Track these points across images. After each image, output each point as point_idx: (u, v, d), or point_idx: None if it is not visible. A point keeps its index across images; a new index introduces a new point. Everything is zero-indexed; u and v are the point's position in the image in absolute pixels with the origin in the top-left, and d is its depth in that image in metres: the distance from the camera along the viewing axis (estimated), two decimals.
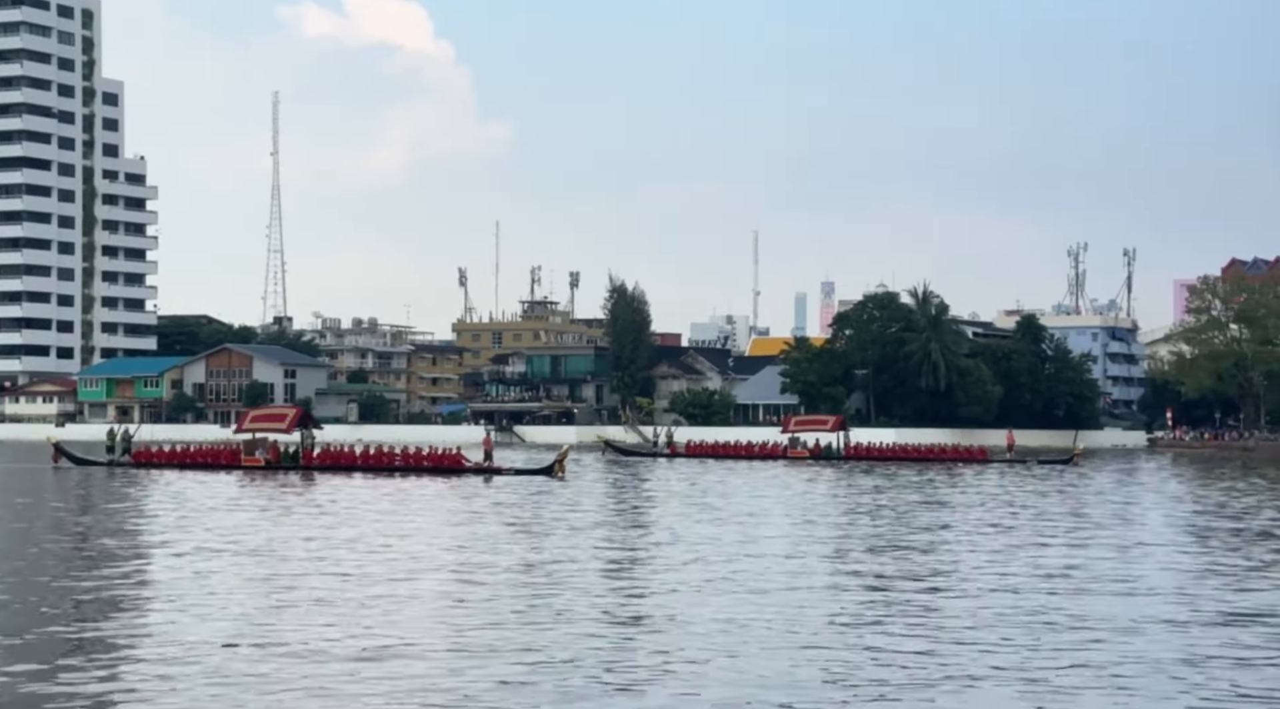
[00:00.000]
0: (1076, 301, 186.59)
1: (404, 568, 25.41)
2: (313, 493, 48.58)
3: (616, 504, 44.31)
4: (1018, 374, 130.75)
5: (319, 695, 14.44)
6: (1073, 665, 16.30)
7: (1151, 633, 18.63)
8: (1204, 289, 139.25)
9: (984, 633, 18.43)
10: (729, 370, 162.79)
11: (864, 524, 36.32)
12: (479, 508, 41.40)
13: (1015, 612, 20.36)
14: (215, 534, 31.78)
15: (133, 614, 19.87)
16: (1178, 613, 20.44)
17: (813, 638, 18.08)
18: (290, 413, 69.47)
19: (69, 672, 15.55)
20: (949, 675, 15.71)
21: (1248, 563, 27.42)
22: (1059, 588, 23.14)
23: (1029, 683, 15.35)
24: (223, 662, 16.16)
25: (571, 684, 15.13)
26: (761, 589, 22.71)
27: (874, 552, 29.06)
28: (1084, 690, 15.09)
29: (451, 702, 14.31)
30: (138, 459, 68.41)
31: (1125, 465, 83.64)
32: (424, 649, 17.11)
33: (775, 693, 14.76)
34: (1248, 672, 16.07)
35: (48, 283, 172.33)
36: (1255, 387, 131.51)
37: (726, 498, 47.96)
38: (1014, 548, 30.11)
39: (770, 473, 68.68)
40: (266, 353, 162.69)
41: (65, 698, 14.30)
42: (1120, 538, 32.94)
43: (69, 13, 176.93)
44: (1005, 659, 16.63)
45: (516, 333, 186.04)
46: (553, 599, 21.30)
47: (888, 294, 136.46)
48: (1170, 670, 16.12)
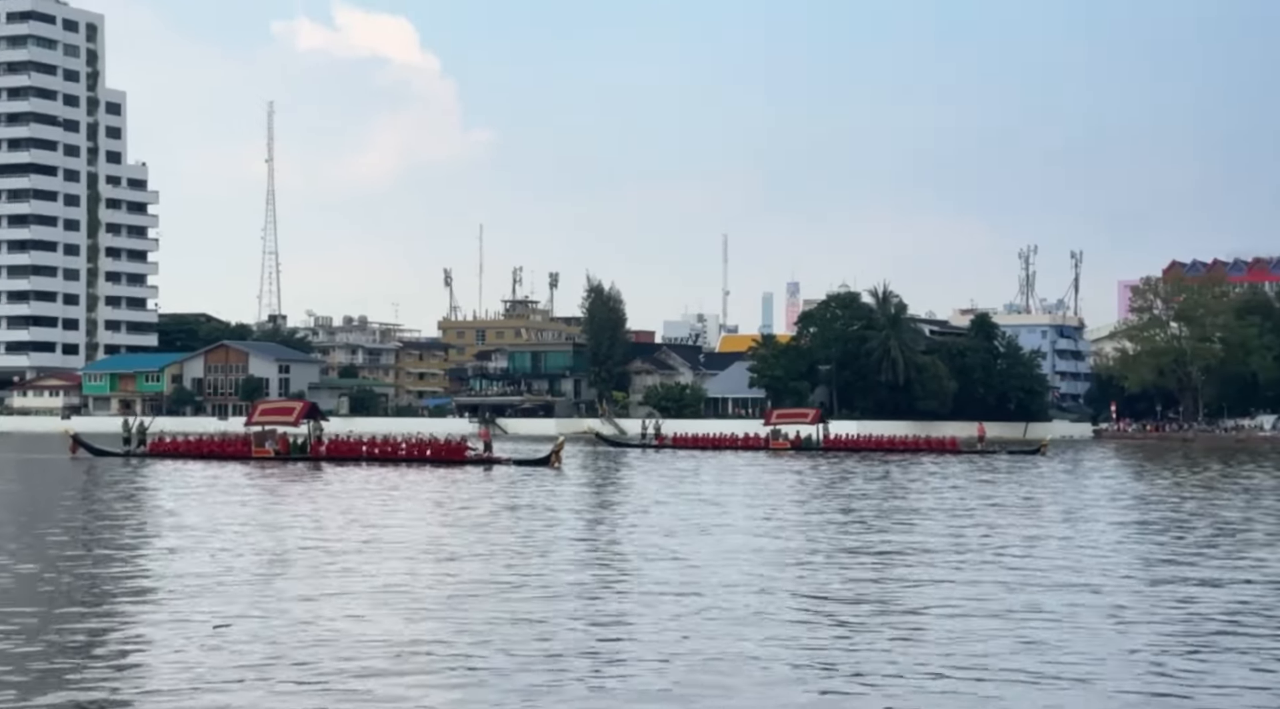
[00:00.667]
0: (1027, 301, 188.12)
1: (395, 549, 26.01)
2: (319, 481, 48.76)
3: (610, 491, 45.40)
4: (972, 370, 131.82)
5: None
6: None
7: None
8: (1146, 290, 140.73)
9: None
10: (700, 366, 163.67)
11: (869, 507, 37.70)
12: (476, 494, 42.26)
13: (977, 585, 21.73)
14: (230, 519, 32.53)
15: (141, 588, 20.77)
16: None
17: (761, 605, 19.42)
18: (298, 406, 68.79)
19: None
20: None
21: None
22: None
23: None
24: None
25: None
26: (720, 564, 23.92)
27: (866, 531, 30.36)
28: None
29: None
30: (154, 450, 68.11)
31: (1086, 456, 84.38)
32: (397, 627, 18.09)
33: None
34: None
35: (54, 283, 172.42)
36: (1193, 381, 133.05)
37: (717, 483, 49.77)
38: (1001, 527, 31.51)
39: (751, 462, 69.29)
40: (262, 349, 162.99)
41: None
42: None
43: (74, 27, 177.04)
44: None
45: (499, 330, 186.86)
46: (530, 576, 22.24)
47: (850, 294, 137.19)
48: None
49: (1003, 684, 14.08)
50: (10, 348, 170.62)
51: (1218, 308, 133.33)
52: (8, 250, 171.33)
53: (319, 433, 65.42)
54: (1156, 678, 14.54)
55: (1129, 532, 30.76)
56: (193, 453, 66.71)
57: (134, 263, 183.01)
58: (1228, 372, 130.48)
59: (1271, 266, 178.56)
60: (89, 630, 16.54)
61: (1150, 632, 17.07)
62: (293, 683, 13.82)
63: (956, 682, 14.12)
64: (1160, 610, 18.75)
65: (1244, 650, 15.90)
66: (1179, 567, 23.75)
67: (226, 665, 14.56)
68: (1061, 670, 14.65)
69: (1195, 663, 15.25)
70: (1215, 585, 21.34)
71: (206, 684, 13.71)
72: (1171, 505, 39.30)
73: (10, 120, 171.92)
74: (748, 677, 14.28)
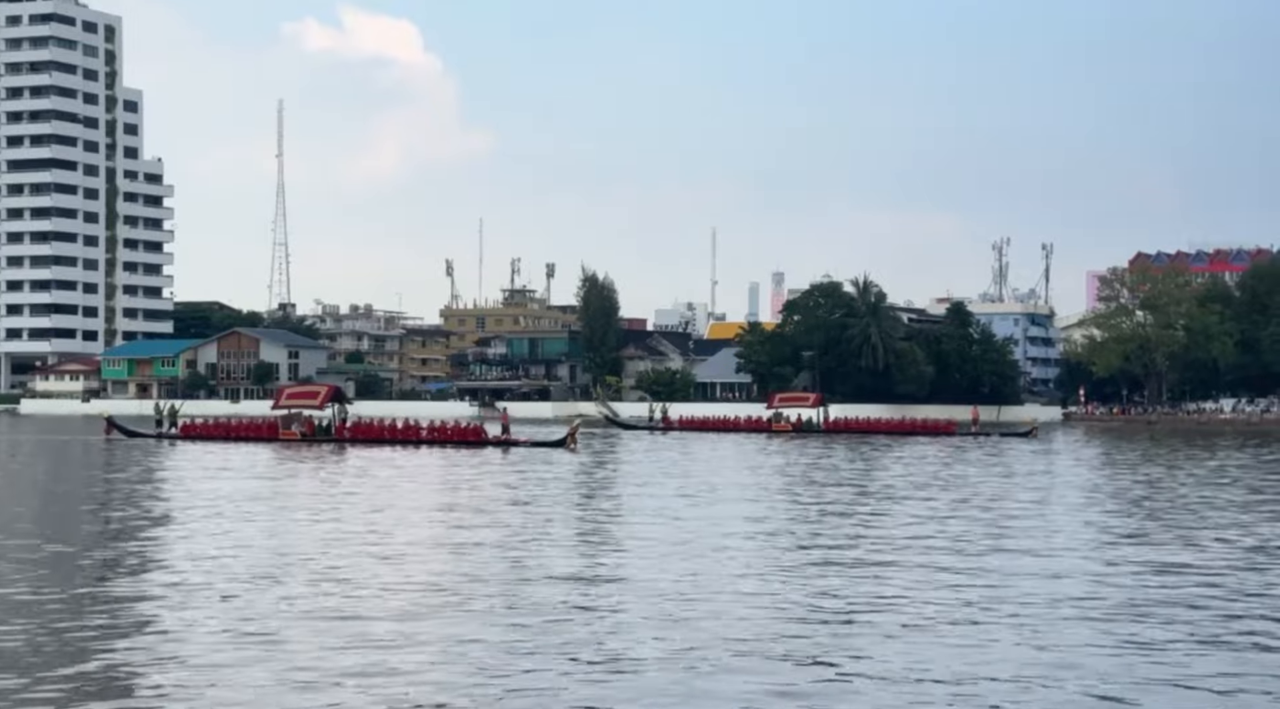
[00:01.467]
0: (1000, 291, 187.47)
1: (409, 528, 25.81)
2: (344, 462, 48.07)
3: (625, 470, 45.10)
4: (948, 355, 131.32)
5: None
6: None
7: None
8: (1113, 279, 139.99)
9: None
10: (689, 352, 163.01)
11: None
12: (493, 474, 41.95)
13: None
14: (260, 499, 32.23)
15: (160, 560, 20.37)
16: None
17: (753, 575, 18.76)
18: (323, 390, 68.03)
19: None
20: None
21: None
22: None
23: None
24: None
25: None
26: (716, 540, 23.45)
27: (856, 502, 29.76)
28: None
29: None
30: (185, 432, 67.74)
31: (1061, 437, 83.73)
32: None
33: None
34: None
35: (74, 272, 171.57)
36: (1158, 366, 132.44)
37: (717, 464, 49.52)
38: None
39: (754, 444, 68.70)
40: (272, 336, 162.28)
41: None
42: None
43: (93, 28, 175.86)
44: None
45: (498, 318, 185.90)
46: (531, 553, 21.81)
47: (832, 284, 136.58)
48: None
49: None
50: (33, 334, 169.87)
51: (1181, 297, 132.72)
52: (30, 241, 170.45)
53: (343, 416, 64.73)
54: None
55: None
56: (222, 435, 66.16)
57: (150, 253, 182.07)
58: (1190, 357, 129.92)
59: (1232, 257, 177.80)
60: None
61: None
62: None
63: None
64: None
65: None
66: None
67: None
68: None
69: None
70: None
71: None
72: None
73: (33, 118, 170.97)
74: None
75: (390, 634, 14.40)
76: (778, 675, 12.76)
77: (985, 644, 14.23)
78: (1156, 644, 14.33)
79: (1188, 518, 28.30)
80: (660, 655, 13.46)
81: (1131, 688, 12.52)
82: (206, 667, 12.90)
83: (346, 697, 11.95)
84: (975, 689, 12.37)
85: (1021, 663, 13.36)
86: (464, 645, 13.91)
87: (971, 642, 14.35)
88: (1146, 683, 12.72)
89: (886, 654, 13.69)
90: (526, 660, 13.27)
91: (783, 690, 12.25)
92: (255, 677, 12.53)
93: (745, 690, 12.18)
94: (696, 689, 12.18)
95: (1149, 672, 13.14)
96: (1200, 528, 26.23)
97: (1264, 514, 29.30)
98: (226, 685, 12.21)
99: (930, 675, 12.80)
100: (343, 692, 12.09)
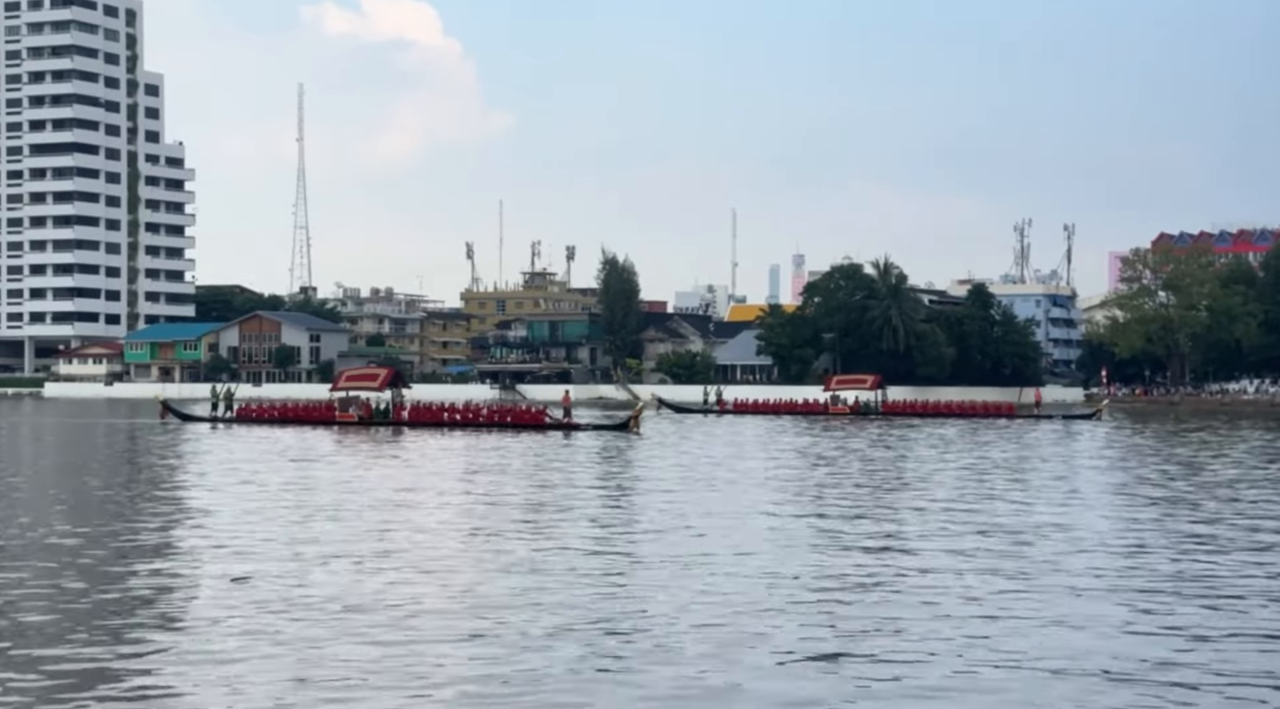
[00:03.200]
0: (1022, 272, 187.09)
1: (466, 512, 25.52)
2: (410, 447, 46.71)
3: (695, 454, 43.80)
4: (969, 337, 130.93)
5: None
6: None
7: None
8: (1135, 260, 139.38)
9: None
10: (710, 334, 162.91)
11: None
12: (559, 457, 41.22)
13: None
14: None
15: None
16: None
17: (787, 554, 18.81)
18: (382, 373, 66.56)
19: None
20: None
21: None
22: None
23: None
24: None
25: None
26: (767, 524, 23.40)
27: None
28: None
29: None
30: (241, 415, 66.71)
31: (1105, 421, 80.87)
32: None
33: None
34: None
35: (97, 256, 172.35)
36: (1180, 347, 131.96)
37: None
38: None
39: (823, 427, 66.22)
40: (294, 319, 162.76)
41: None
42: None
43: (114, 12, 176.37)
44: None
45: (518, 301, 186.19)
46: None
47: (852, 265, 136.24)
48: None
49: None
50: (56, 318, 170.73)
51: (1204, 277, 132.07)
52: (53, 225, 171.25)
53: (400, 399, 63.63)
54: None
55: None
56: (278, 418, 65.37)
57: (172, 237, 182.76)
58: (1213, 338, 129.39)
59: (1255, 238, 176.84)
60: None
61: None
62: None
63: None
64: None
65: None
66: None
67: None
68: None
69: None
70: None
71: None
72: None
73: (55, 102, 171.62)
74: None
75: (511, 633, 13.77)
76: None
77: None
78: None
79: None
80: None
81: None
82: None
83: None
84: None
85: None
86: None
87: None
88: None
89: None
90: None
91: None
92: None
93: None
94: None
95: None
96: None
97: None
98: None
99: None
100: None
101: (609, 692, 11.55)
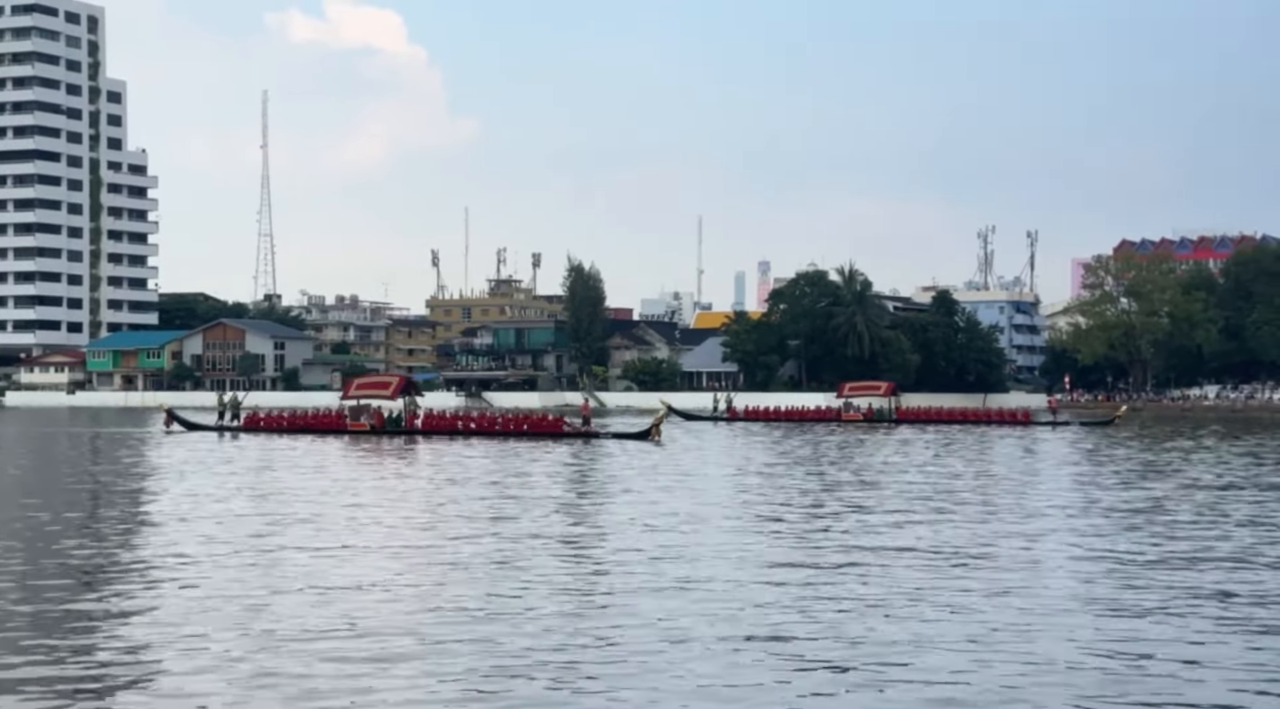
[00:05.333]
0: (985, 278, 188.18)
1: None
2: (429, 457, 44.95)
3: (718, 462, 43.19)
4: (933, 344, 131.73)
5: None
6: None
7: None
8: (1098, 267, 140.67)
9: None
10: (676, 341, 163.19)
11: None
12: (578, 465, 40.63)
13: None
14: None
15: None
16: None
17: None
18: (394, 380, 65.36)
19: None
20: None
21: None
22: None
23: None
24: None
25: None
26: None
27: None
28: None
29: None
30: (248, 424, 65.55)
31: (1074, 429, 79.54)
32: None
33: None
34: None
35: (58, 264, 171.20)
36: (1142, 353, 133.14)
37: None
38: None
39: (828, 434, 65.63)
40: (258, 327, 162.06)
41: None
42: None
43: (76, 19, 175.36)
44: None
45: (484, 308, 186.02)
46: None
47: (818, 272, 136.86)
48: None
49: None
50: (17, 326, 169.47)
51: (1165, 284, 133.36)
52: (14, 233, 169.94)
53: (414, 407, 62.54)
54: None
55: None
56: (286, 427, 63.94)
57: (135, 245, 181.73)
58: (1174, 344, 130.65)
59: (1215, 245, 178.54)
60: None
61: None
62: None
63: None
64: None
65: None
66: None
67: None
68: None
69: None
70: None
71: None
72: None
73: (16, 109, 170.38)
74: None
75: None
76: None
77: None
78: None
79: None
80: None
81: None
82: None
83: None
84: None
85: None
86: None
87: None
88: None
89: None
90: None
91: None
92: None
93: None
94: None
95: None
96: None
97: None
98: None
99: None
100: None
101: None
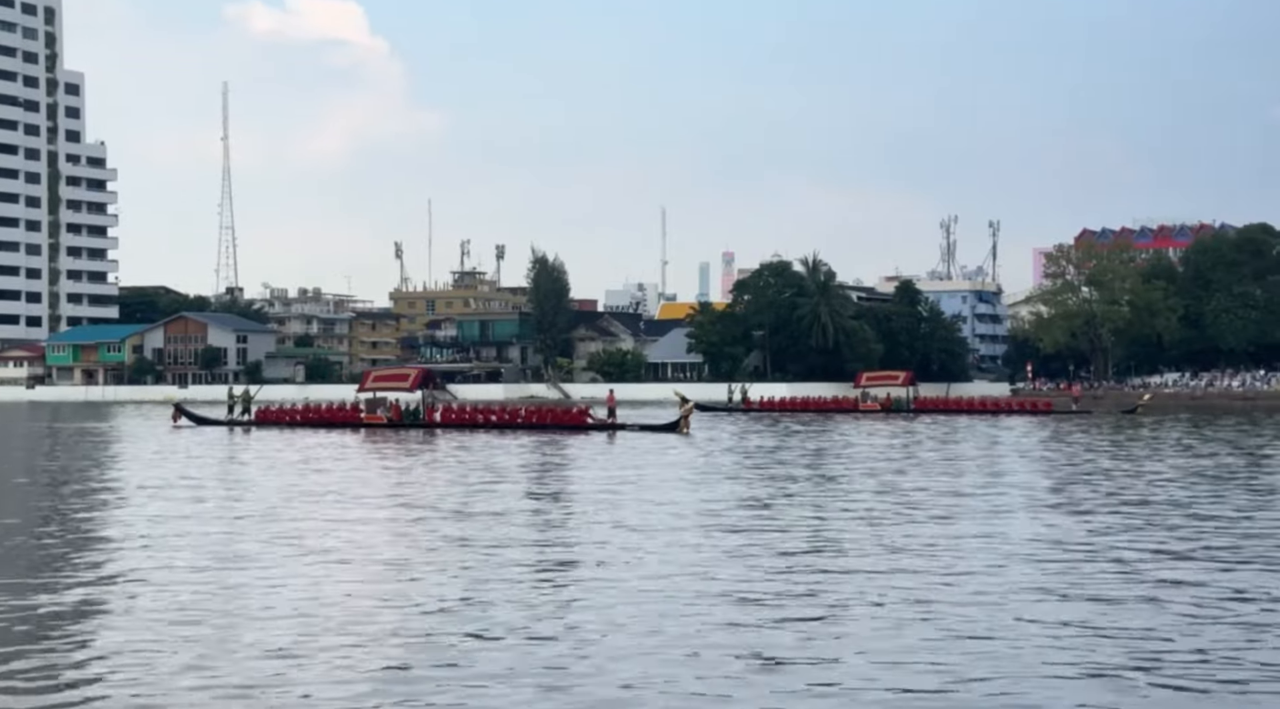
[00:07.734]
0: (948, 268, 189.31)
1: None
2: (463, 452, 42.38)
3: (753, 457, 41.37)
4: (897, 334, 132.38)
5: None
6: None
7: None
8: (1059, 256, 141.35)
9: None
10: (640, 332, 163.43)
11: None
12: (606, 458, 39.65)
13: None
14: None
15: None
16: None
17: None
18: (413, 373, 63.94)
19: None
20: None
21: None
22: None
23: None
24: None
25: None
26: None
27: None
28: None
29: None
30: (260, 418, 64.30)
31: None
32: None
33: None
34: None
35: (17, 257, 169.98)
36: (1104, 342, 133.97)
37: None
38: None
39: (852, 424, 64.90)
40: (220, 320, 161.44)
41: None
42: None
43: (32, 10, 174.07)
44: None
45: (448, 300, 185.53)
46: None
47: (782, 263, 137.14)
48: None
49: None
50: None
51: (1125, 273, 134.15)
52: None
53: (432, 400, 61.19)
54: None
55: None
56: (300, 421, 62.57)
57: (94, 238, 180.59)
58: (1135, 333, 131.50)
59: (1175, 234, 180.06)
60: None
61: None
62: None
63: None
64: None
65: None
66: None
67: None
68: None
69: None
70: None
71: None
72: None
73: None
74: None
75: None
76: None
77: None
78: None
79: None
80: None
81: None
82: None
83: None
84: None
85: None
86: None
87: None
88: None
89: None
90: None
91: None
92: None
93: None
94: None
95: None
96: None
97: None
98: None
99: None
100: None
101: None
